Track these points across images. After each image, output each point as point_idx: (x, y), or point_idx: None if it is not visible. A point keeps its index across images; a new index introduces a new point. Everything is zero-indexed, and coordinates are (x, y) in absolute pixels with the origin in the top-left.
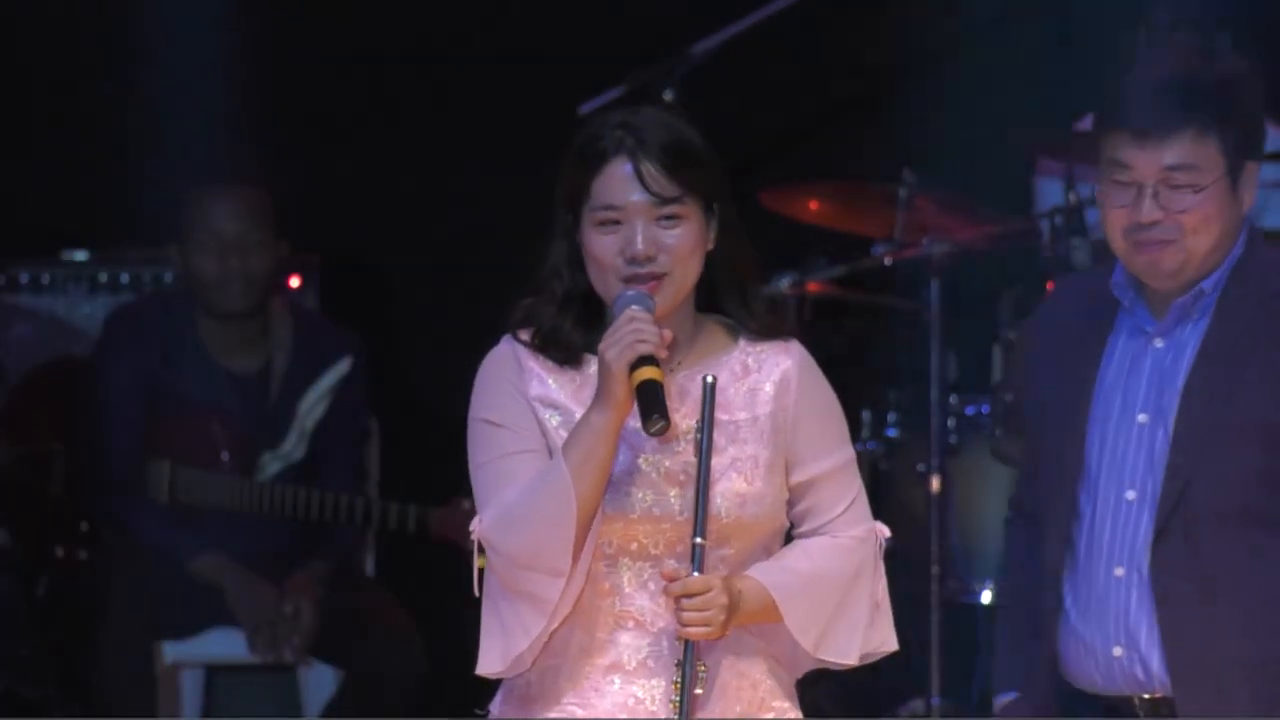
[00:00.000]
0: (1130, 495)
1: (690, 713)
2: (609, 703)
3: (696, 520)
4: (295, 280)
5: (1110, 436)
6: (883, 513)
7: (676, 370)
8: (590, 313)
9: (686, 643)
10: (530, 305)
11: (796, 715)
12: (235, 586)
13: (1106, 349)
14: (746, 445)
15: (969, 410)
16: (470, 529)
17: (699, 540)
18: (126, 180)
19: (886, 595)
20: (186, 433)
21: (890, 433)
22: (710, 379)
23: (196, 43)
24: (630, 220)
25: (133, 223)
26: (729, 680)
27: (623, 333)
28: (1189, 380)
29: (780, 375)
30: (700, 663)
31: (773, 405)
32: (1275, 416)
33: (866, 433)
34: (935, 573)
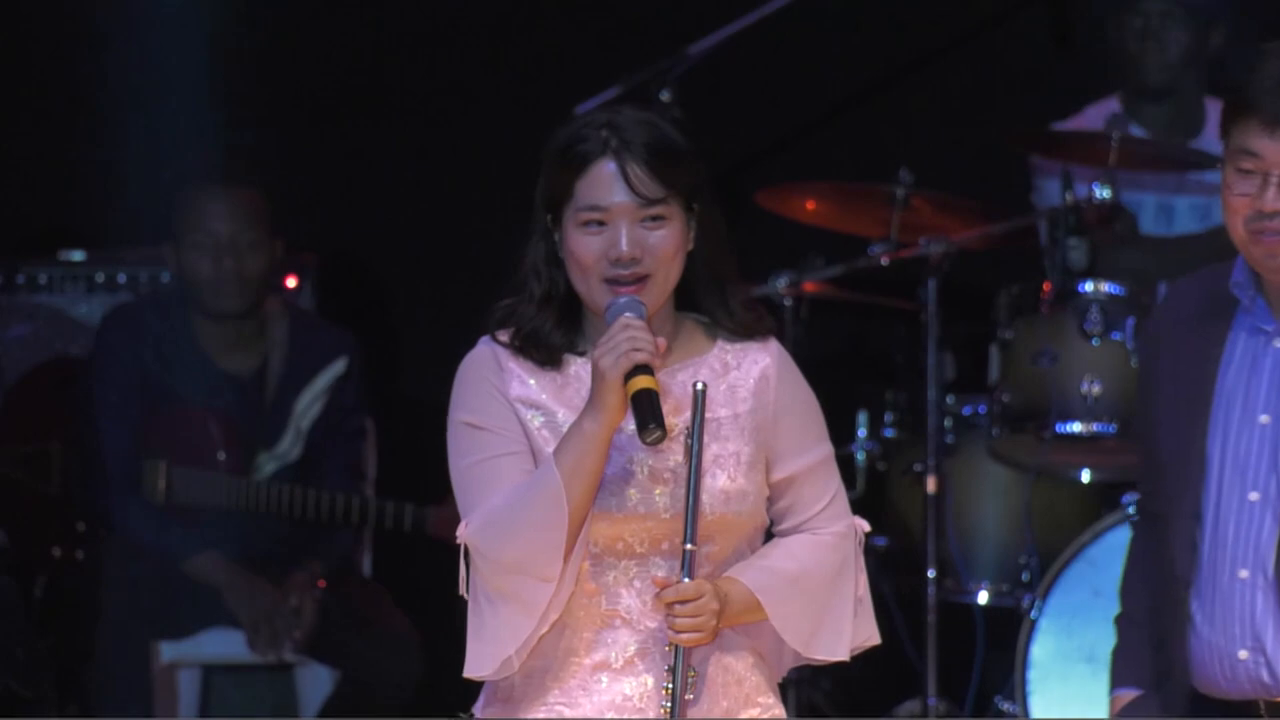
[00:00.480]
0: (1254, 496)
1: (681, 716)
2: (597, 701)
3: (687, 527)
4: (291, 280)
5: (1232, 438)
6: (879, 512)
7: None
8: (570, 313)
9: (677, 648)
10: (509, 306)
11: (780, 711)
12: (232, 586)
13: (1226, 349)
14: (729, 442)
15: (966, 410)
16: (456, 534)
17: (689, 546)
18: (123, 180)
19: (868, 589)
20: (182, 432)
21: (887, 433)
22: (701, 385)
23: (193, 43)
24: (615, 221)
25: (129, 223)
26: (715, 677)
27: (618, 340)
28: None
29: (760, 373)
30: (691, 668)
31: (753, 402)
32: None
33: (864, 433)
34: (932, 573)
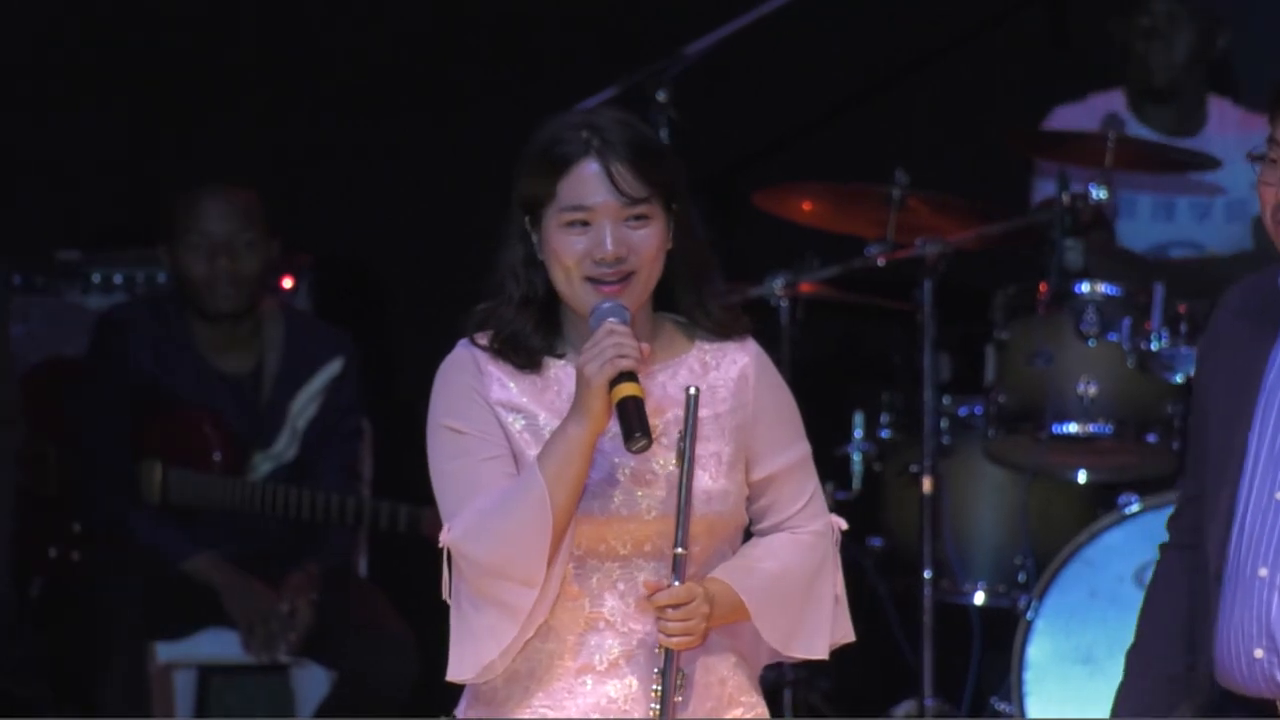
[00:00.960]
0: None
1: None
2: (582, 704)
3: (678, 530)
4: (288, 280)
5: (1269, 436)
6: (875, 513)
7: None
8: (548, 316)
9: (668, 651)
10: (486, 309)
11: (764, 710)
12: (228, 586)
13: (1274, 348)
14: (710, 443)
15: (962, 411)
16: (440, 539)
17: (680, 550)
18: (120, 180)
19: (843, 587)
20: (178, 433)
21: (883, 433)
22: (694, 390)
23: (189, 42)
24: (599, 221)
25: (125, 223)
26: (699, 678)
27: (603, 346)
28: None
29: (739, 372)
30: (680, 670)
31: (732, 402)
32: None
33: (860, 433)
34: (928, 574)
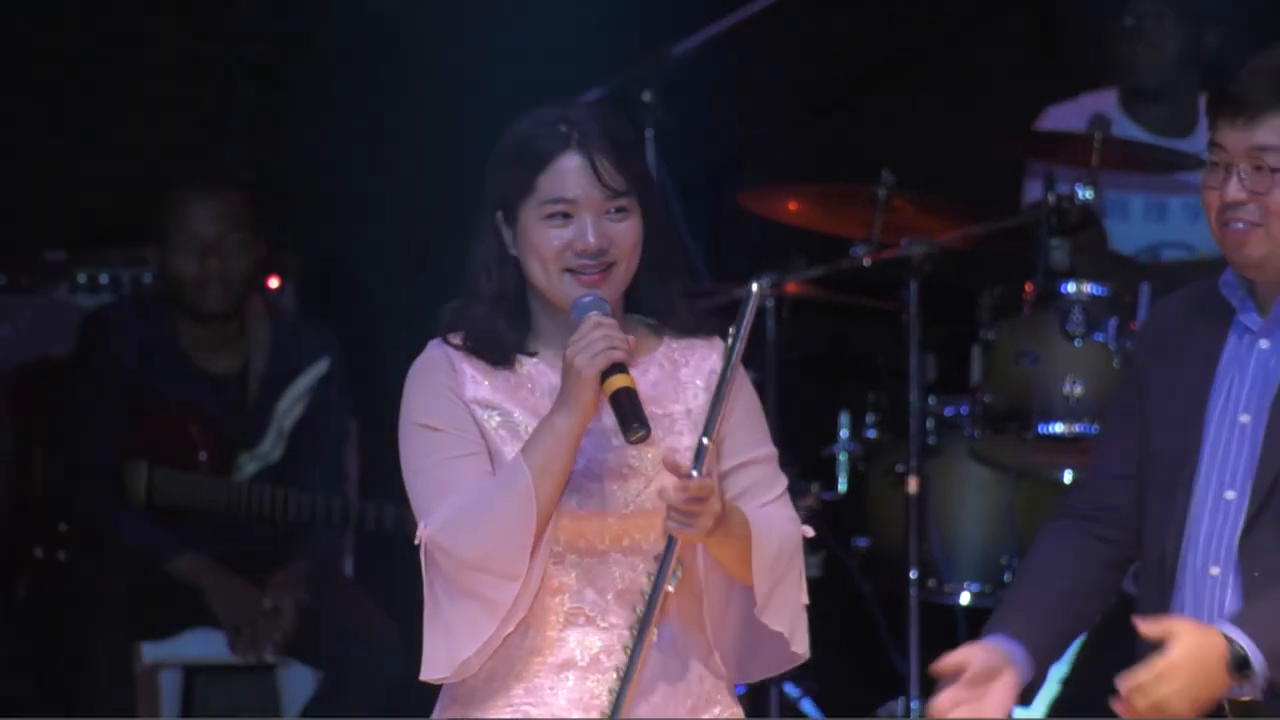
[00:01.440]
0: (1229, 495)
1: (646, 645)
2: (564, 700)
3: (709, 422)
4: (274, 281)
5: (1213, 436)
6: (861, 513)
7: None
8: (521, 313)
9: (669, 540)
10: (457, 308)
11: (739, 710)
12: (214, 586)
13: (1222, 350)
14: (683, 437)
15: (948, 411)
16: (416, 537)
17: (705, 440)
18: (107, 180)
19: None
20: (164, 433)
21: (869, 433)
22: (755, 286)
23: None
24: (581, 214)
25: (112, 223)
26: (676, 677)
27: (592, 338)
28: None
29: (709, 369)
30: (679, 562)
31: (705, 398)
32: None
33: (845, 433)
34: (914, 574)
